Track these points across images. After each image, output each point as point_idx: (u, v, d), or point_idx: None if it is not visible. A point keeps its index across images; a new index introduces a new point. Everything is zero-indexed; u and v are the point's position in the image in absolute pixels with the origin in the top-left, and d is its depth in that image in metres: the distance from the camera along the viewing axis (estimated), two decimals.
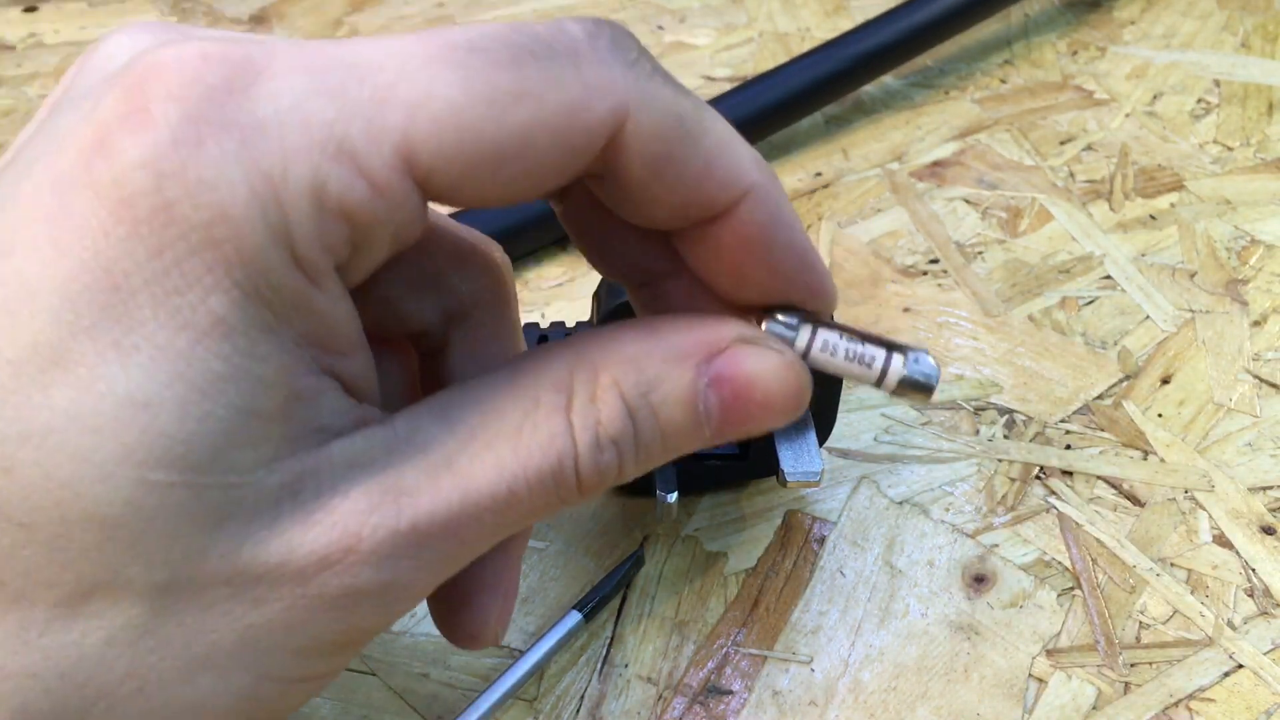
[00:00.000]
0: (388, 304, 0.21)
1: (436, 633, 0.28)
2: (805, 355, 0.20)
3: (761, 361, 0.19)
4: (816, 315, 0.20)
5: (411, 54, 0.16)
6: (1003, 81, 0.47)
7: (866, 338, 0.20)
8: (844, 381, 0.30)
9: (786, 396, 0.19)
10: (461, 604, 0.22)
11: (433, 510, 0.17)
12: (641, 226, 0.19)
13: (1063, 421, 0.34)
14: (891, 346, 0.20)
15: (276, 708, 0.18)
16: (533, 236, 0.38)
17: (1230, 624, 0.29)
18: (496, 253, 0.23)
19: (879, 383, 0.20)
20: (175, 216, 0.15)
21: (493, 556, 0.21)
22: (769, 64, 0.48)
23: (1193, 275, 0.38)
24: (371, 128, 0.16)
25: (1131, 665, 0.28)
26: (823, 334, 0.20)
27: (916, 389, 0.20)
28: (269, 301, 0.16)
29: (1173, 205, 0.41)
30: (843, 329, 0.20)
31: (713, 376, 0.19)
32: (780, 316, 0.20)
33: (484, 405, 0.18)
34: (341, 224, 0.16)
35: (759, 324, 0.20)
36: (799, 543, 0.31)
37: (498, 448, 0.18)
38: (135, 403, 0.15)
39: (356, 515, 0.17)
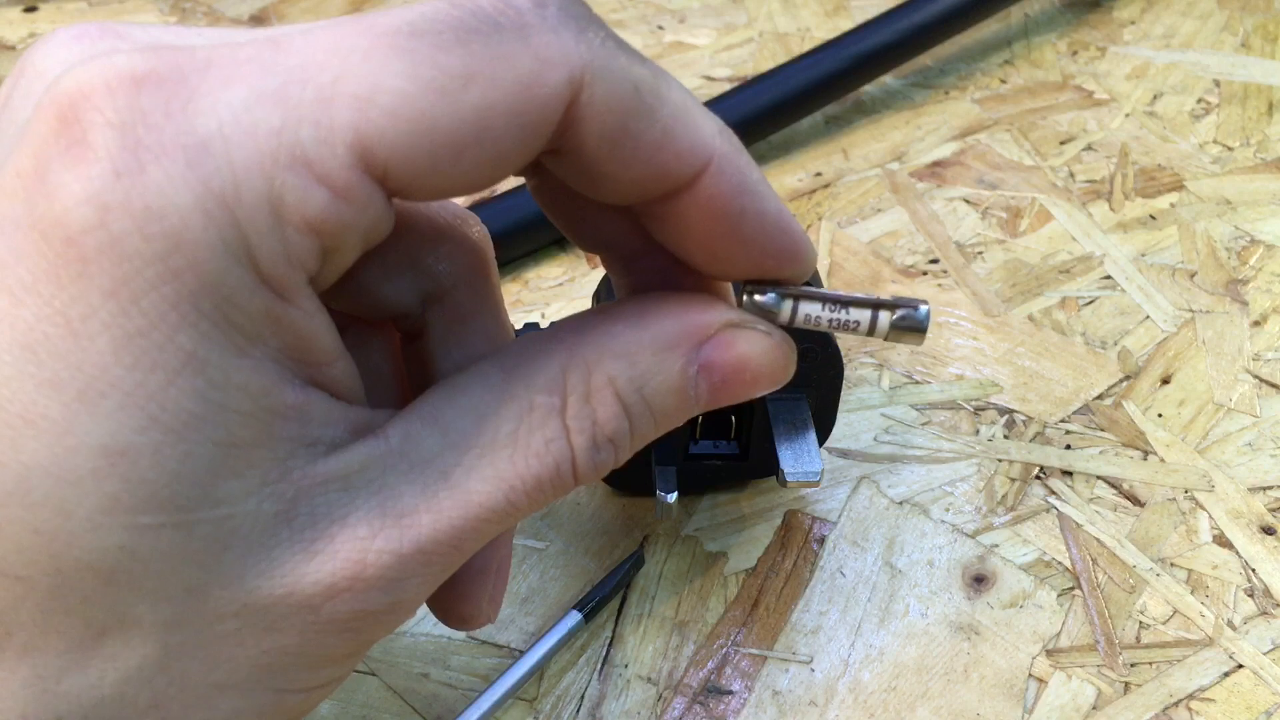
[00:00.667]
0: (363, 291, 0.21)
1: (437, 632, 0.28)
2: (789, 326, 0.20)
3: (750, 345, 0.19)
4: (795, 286, 0.20)
5: (352, 47, 0.15)
6: (1003, 81, 0.47)
7: (850, 302, 0.20)
8: (843, 382, 0.30)
9: (774, 372, 0.20)
10: (454, 589, 0.22)
11: (435, 530, 0.17)
12: (605, 203, 0.19)
13: (1063, 421, 0.34)
14: (878, 306, 0.20)
15: (299, 713, 0.19)
16: (533, 236, 0.38)
17: (1230, 624, 0.29)
18: (474, 227, 0.22)
19: (869, 334, 0.20)
20: (126, 252, 0.14)
21: None
22: (769, 64, 0.48)
23: (1193, 275, 0.38)
24: (321, 130, 0.15)
25: (1131, 665, 0.28)
26: (804, 308, 0.20)
27: (908, 331, 0.20)
28: (239, 325, 0.15)
29: (1173, 205, 0.41)
30: (824, 299, 0.20)
31: (702, 364, 0.19)
32: (758, 297, 0.20)
33: (477, 411, 0.18)
34: (306, 235, 0.15)
35: (739, 299, 0.20)
36: (799, 543, 0.31)
37: (494, 458, 0.18)
38: (110, 452, 0.15)
39: (358, 543, 0.17)
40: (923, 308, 0.20)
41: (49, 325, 0.15)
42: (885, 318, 0.20)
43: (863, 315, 0.20)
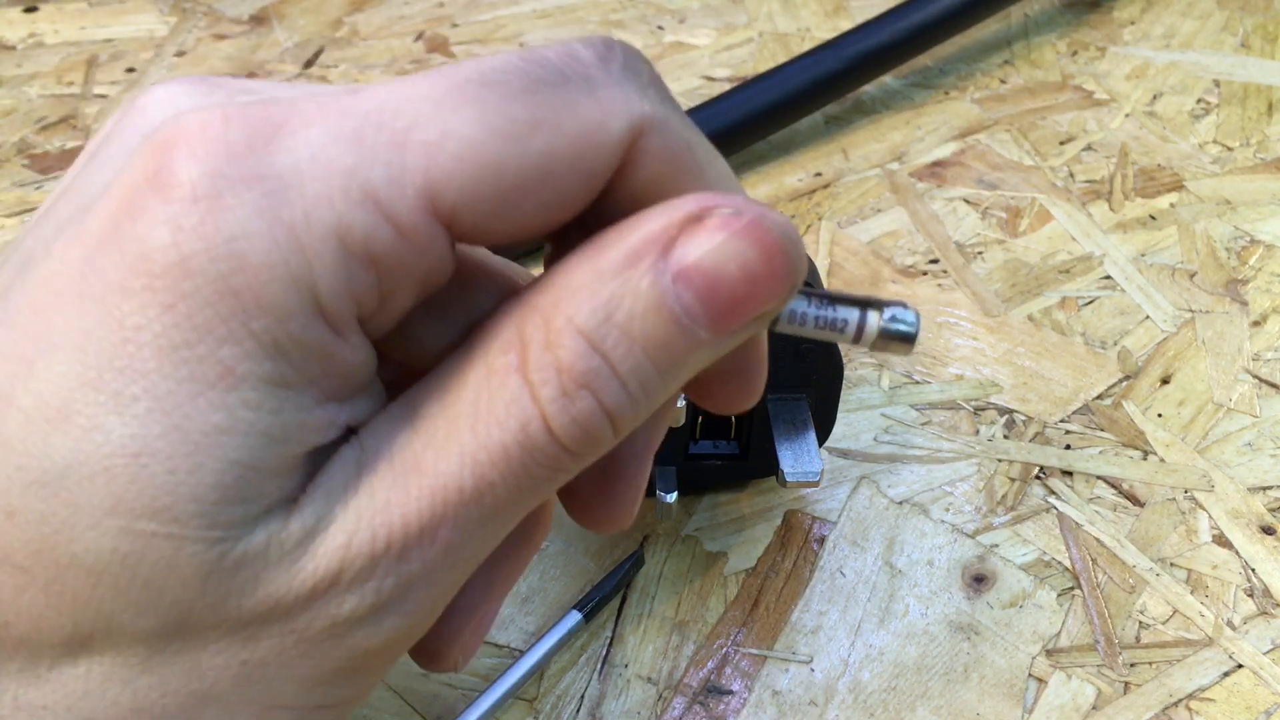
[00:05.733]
0: (416, 341, 0.20)
1: None
2: (773, 328, 0.19)
3: (722, 232, 0.16)
4: None
5: (425, 95, 0.16)
6: (1002, 82, 0.47)
7: (837, 299, 0.19)
8: (843, 382, 0.30)
9: (774, 262, 0.17)
10: None
11: (405, 521, 0.17)
12: None
13: (1062, 421, 0.34)
14: (866, 305, 0.19)
15: None
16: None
17: (1230, 624, 0.29)
18: (525, 281, 0.22)
19: (855, 342, 0.19)
20: (191, 269, 0.15)
21: (472, 580, 0.20)
22: (769, 64, 0.48)
23: (1192, 275, 0.38)
24: (392, 171, 0.16)
25: (1131, 665, 0.28)
26: (790, 305, 0.19)
27: (896, 340, 0.19)
28: (287, 351, 0.16)
29: (1172, 205, 0.41)
30: (810, 295, 0.19)
31: (675, 272, 0.16)
32: None
33: (443, 390, 0.17)
34: (368, 271, 0.16)
35: None
36: (799, 543, 0.31)
37: (457, 434, 0.17)
38: (128, 451, 0.15)
39: (336, 552, 0.17)
40: (913, 312, 0.19)
41: (103, 330, 0.15)
42: (874, 319, 0.19)
43: (850, 314, 0.19)
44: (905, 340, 0.19)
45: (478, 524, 0.17)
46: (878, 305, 0.19)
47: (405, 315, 0.18)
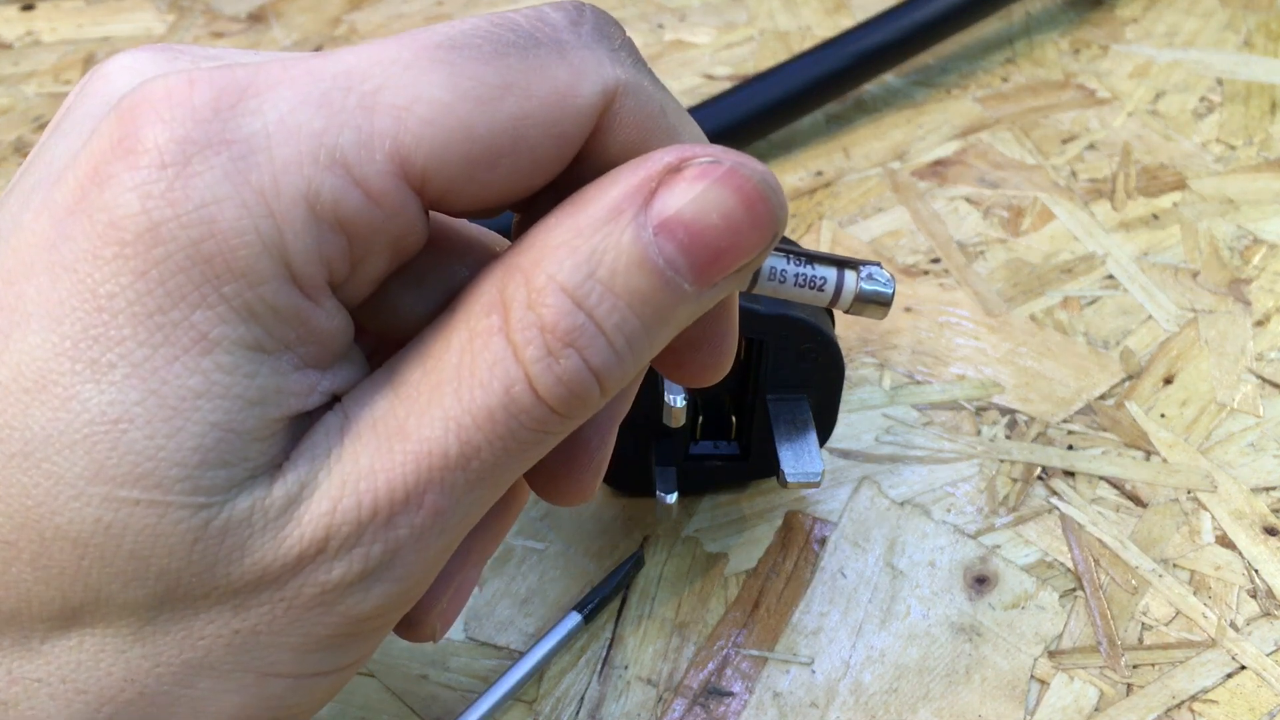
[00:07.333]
0: (393, 311, 0.20)
1: None
2: (752, 287, 0.19)
3: (701, 181, 0.16)
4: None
5: (394, 58, 0.16)
6: (1004, 80, 0.47)
7: (815, 258, 0.19)
8: (844, 382, 0.30)
9: (755, 209, 0.17)
10: None
11: (390, 487, 0.17)
12: None
13: (1065, 422, 0.34)
14: (843, 264, 0.19)
15: (294, 703, 0.18)
16: None
17: (1233, 625, 0.29)
18: (500, 248, 0.22)
19: (833, 303, 0.19)
20: (162, 236, 0.15)
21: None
22: (769, 62, 0.48)
23: (1195, 275, 0.38)
24: (361, 135, 0.16)
25: (1134, 667, 0.28)
26: (770, 262, 0.19)
27: (873, 303, 0.19)
28: (260, 316, 0.16)
29: (1175, 204, 0.41)
30: (789, 252, 0.19)
31: (657, 224, 0.16)
32: None
33: (426, 355, 0.17)
34: (338, 235, 0.16)
35: None
36: (799, 544, 0.30)
37: (442, 398, 0.17)
38: (107, 419, 0.15)
39: (322, 518, 0.17)
40: (888, 273, 0.19)
41: (77, 299, 0.15)
42: (851, 279, 0.19)
43: (829, 273, 0.19)
44: (881, 302, 0.19)
45: (465, 489, 0.17)
46: (854, 265, 0.19)
47: (381, 284, 0.18)
